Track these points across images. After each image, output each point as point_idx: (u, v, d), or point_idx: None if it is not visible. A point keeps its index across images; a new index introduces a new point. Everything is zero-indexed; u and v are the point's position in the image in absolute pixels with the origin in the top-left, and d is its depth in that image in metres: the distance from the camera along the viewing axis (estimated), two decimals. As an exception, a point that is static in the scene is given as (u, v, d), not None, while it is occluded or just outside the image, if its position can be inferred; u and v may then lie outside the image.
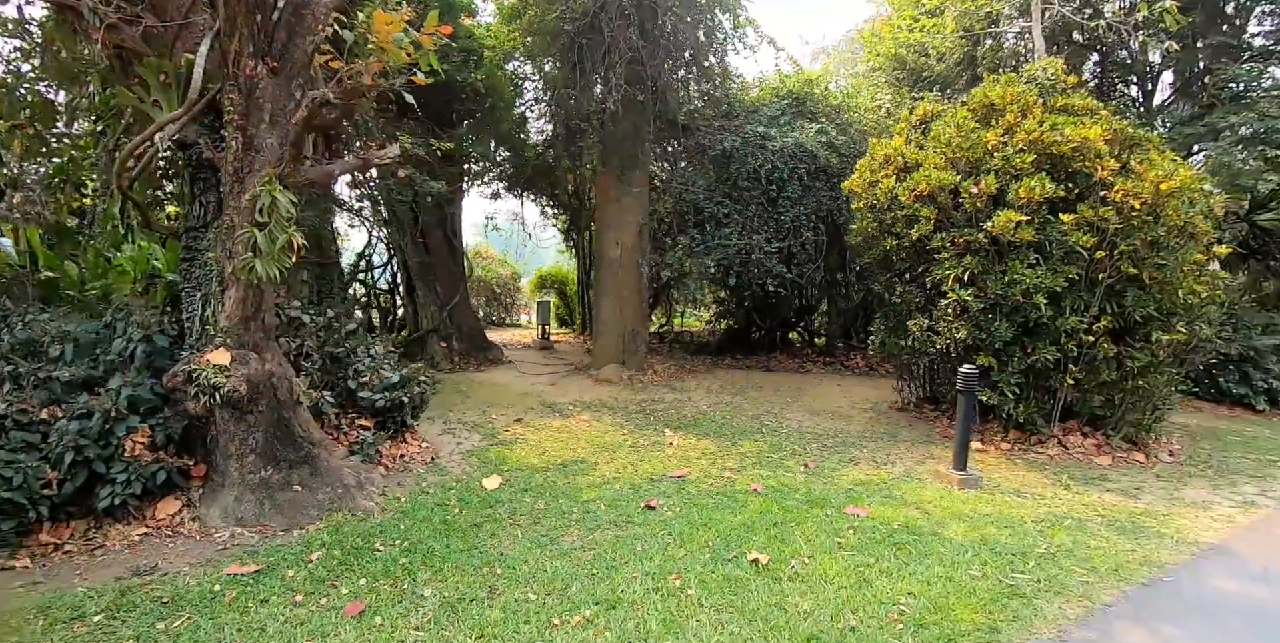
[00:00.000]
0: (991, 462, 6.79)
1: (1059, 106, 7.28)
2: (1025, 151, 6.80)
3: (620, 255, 10.36)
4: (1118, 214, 6.48)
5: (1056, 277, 6.55)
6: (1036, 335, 6.88)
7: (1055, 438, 7.20)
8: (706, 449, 6.88)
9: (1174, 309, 6.90)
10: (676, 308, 14.93)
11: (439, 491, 5.62)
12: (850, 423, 8.14)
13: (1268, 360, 10.60)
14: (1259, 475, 6.83)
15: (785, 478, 5.98)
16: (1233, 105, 9.40)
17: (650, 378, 10.23)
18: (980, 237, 6.74)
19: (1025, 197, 6.51)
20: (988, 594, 3.86)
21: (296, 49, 5.41)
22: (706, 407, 8.74)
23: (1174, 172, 6.58)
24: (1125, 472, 6.68)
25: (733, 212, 9.83)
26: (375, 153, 5.47)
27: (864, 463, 6.60)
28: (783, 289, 9.88)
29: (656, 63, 9.64)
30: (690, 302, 15.04)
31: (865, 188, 8.05)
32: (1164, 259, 6.60)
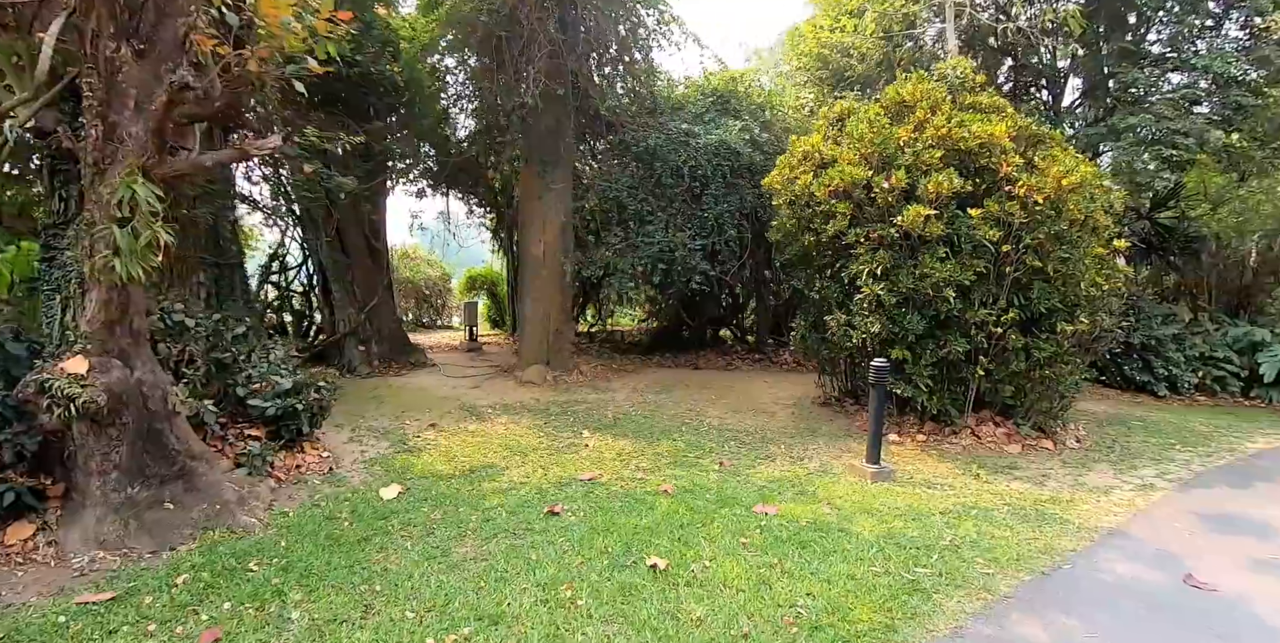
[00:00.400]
0: (907, 454, 6.78)
1: (967, 104, 7.35)
2: (934, 147, 6.82)
3: (543, 254, 10.07)
4: (1022, 209, 6.55)
5: (965, 270, 6.58)
6: (948, 328, 6.90)
7: (969, 428, 7.26)
8: (622, 450, 6.67)
9: (1077, 301, 7.03)
10: (609, 307, 14.69)
11: (331, 503, 5.24)
12: (772, 419, 8.06)
13: (1168, 349, 11.04)
14: (1158, 459, 7.03)
15: (699, 478, 5.82)
16: (1132, 108, 9.73)
17: (576, 379, 9.97)
18: (892, 231, 6.73)
19: (934, 191, 6.52)
20: (888, 591, 3.75)
21: (166, 31, 4.98)
22: (629, 407, 8.54)
23: (1075, 168, 6.70)
24: (1034, 459, 6.76)
25: (656, 209, 9.67)
26: (253, 143, 5.06)
27: (780, 459, 6.50)
28: (707, 287, 9.77)
29: (578, 57, 9.40)
30: (624, 300, 14.84)
31: (785, 184, 7.99)
32: (1067, 252, 6.71)
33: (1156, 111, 9.19)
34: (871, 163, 7.11)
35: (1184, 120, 9.19)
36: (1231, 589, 4.05)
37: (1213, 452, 7.48)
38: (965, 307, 6.72)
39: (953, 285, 6.52)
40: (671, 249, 9.41)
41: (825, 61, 11.88)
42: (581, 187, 10.11)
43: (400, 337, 11.62)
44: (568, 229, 10.10)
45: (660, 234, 9.53)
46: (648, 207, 9.72)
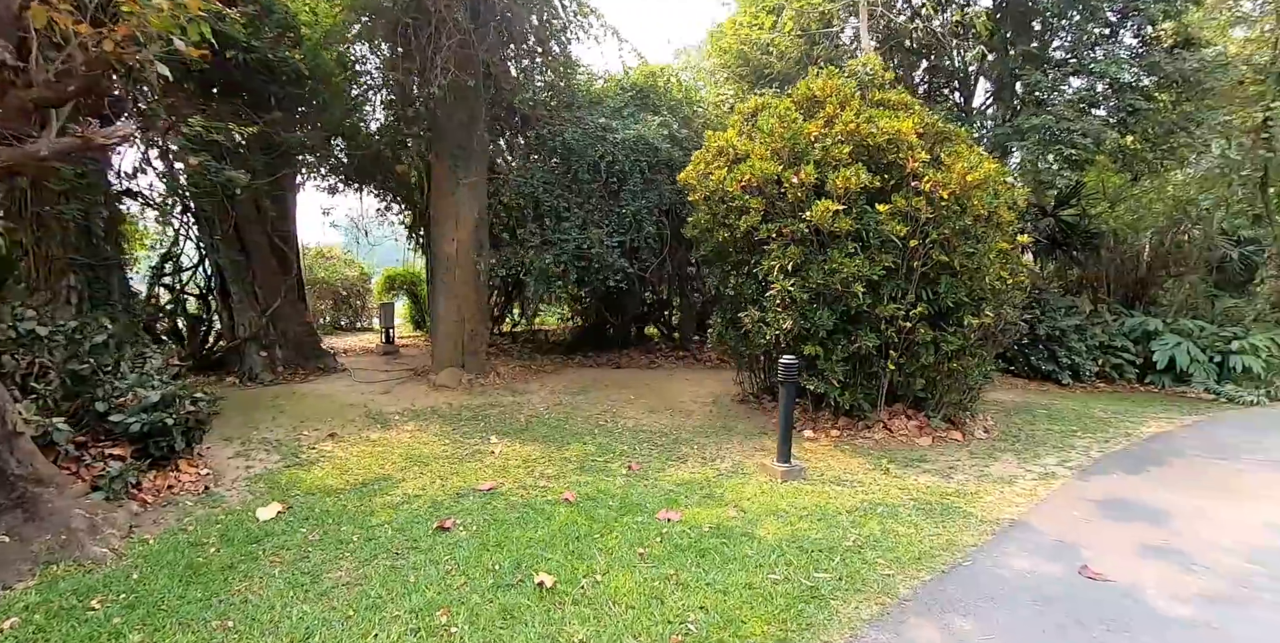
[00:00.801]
0: (821, 450, 6.70)
1: (876, 100, 7.32)
2: (843, 143, 6.75)
3: (456, 252, 9.63)
4: (929, 204, 6.54)
5: (874, 265, 6.53)
6: (859, 323, 6.86)
7: (882, 422, 7.24)
8: (529, 456, 6.36)
9: (983, 294, 7.09)
10: (535, 306, 14.28)
11: (200, 527, 4.75)
12: (689, 419, 7.89)
13: (1070, 339, 11.42)
14: (1060, 446, 7.16)
15: (604, 483, 5.56)
16: (1036, 109, 9.98)
17: (492, 381, 9.58)
18: (802, 226, 6.62)
19: (842, 186, 6.44)
20: (785, 600, 3.57)
21: (-2, 4, 4.41)
22: (544, 409, 8.22)
23: (979, 164, 6.74)
24: (943, 451, 6.78)
25: (573, 205, 9.36)
26: (99, 132, 4.52)
27: (692, 460, 6.31)
28: (625, 284, 9.53)
29: (490, 47, 8.99)
30: (551, 299, 14.46)
31: (699, 180, 7.81)
32: (972, 247, 6.75)
33: (1057, 112, 9.45)
34: (783, 158, 7.00)
35: (1082, 121, 9.47)
36: (1124, 578, 4.05)
37: (1110, 438, 7.69)
38: (875, 302, 6.68)
39: (862, 281, 6.46)
40: (588, 246, 9.12)
41: (745, 59, 11.80)
42: (497, 182, 9.71)
43: (308, 341, 10.95)
44: (482, 226, 9.68)
45: (577, 231, 9.23)
46: (564, 203, 9.41)
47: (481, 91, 9.17)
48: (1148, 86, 11.02)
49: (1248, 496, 5.76)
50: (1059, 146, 9.43)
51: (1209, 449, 7.40)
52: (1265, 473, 6.50)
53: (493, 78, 9.08)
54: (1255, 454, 7.24)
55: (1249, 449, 7.46)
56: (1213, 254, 15.38)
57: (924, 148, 6.81)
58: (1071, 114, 9.44)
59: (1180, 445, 7.51)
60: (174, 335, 10.37)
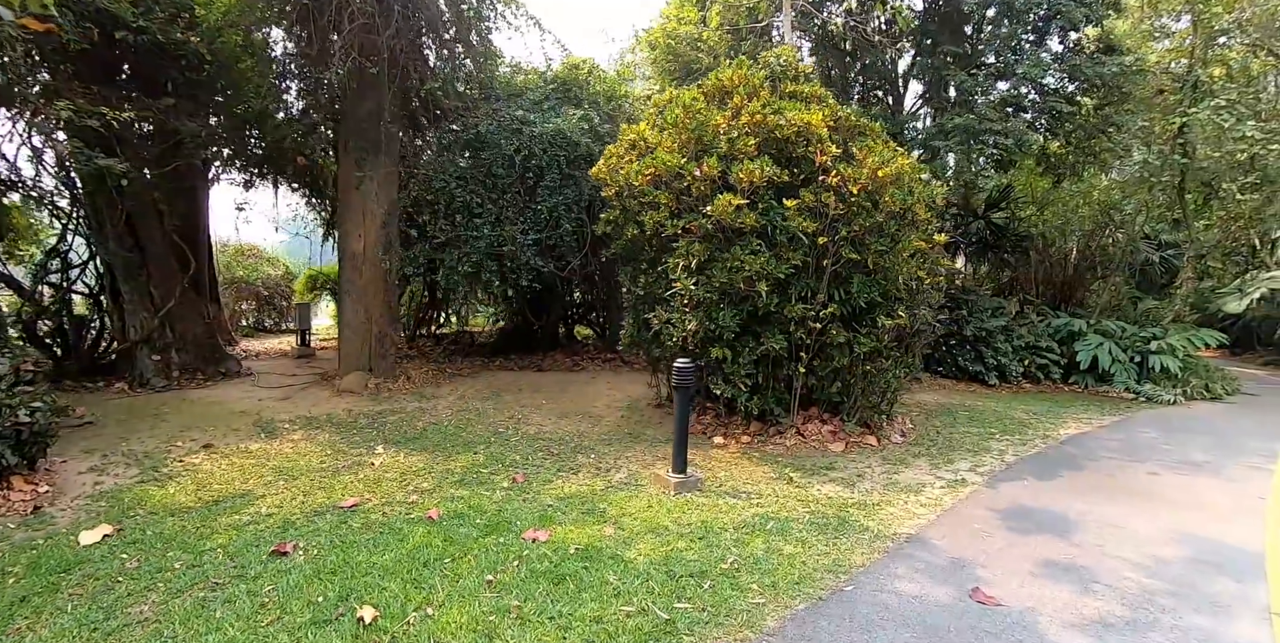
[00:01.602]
0: (727, 458, 6.26)
1: (788, 92, 6.93)
2: (750, 134, 6.33)
3: (364, 249, 8.98)
4: (839, 199, 6.16)
5: (781, 263, 6.12)
6: (768, 324, 6.44)
7: (795, 428, 6.84)
8: (410, 468, 5.78)
9: (898, 294, 6.75)
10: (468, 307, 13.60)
11: (10, 554, 4.07)
12: (598, 425, 7.39)
13: (997, 340, 11.26)
14: (975, 450, 6.85)
15: (480, 499, 5.02)
16: (961, 110, 9.77)
17: (401, 386, 8.95)
18: (705, 222, 6.18)
19: (746, 179, 6.01)
20: (632, 638, 3.07)
21: None
22: (447, 416, 7.63)
23: (891, 159, 6.37)
24: (855, 457, 6.40)
25: (486, 201, 8.79)
26: None
27: (586, 471, 5.80)
28: (539, 284, 8.99)
29: (397, 33, 8.37)
30: (490, 300, 13.80)
31: (610, 174, 7.31)
32: (885, 245, 6.38)
33: (980, 113, 9.22)
34: (689, 151, 6.55)
35: (1005, 123, 9.27)
36: (1018, 602, 3.66)
37: (1028, 440, 7.42)
38: (783, 302, 6.28)
39: (767, 279, 6.04)
40: (500, 244, 8.57)
41: (674, 53, 11.40)
42: (409, 177, 9.09)
43: (210, 343, 10.15)
44: (391, 223, 9.05)
45: (490, 228, 8.66)
46: (478, 199, 8.83)
47: (387, 80, 8.55)
48: (1071, 91, 10.94)
49: (1158, 500, 5.49)
50: (981, 146, 9.21)
51: (1124, 451, 7.18)
52: (1176, 476, 6.28)
53: (399, 66, 8.46)
54: (1168, 455, 7.04)
55: (1163, 450, 7.27)
56: (1135, 257, 15.52)
57: (836, 142, 6.43)
58: (995, 115, 9.24)
59: (1096, 447, 7.28)
60: (59, 337, 9.48)
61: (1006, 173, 11.23)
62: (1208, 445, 7.63)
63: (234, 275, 13.66)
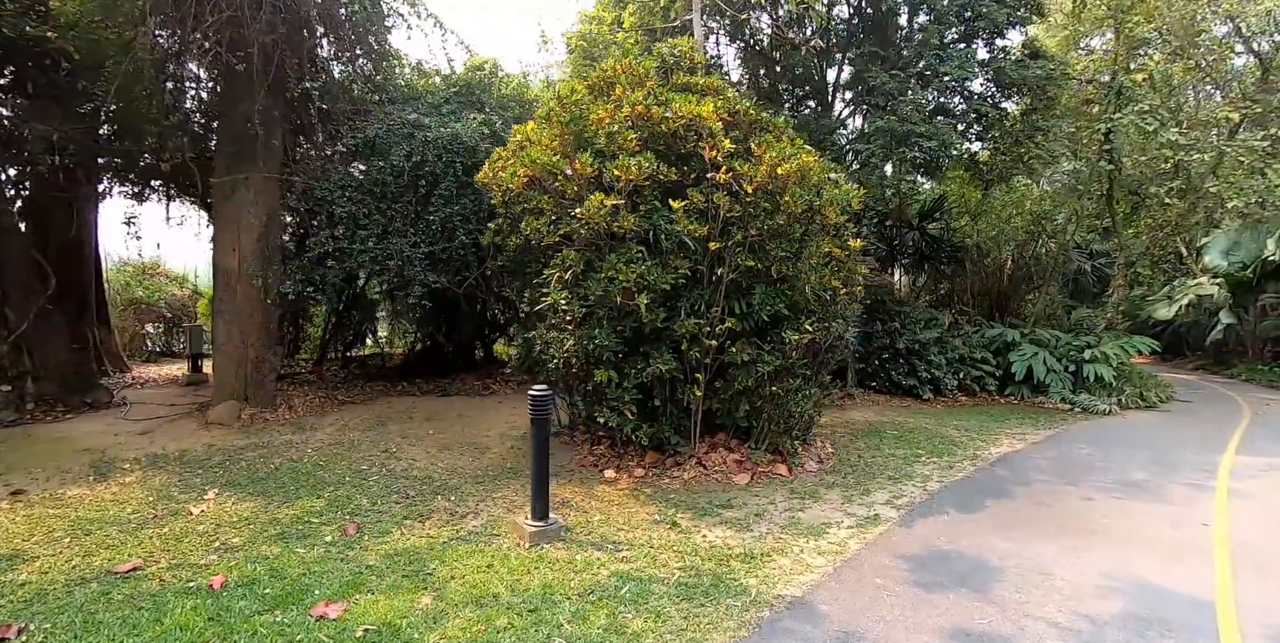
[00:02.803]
0: (613, 497, 5.27)
1: (681, 84, 6.07)
2: (632, 128, 5.45)
3: (239, 265, 7.86)
4: (733, 200, 5.29)
5: (667, 272, 5.20)
6: (658, 342, 5.52)
7: (695, 458, 5.89)
8: (232, 518, 4.68)
9: (808, 306, 5.88)
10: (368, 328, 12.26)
11: None
12: (480, 458, 6.34)
13: (930, 353, 10.51)
14: (897, 477, 5.97)
15: (289, 558, 3.96)
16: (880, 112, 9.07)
17: (280, 416, 7.79)
18: (580, 227, 5.25)
19: (622, 177, 5.11)
20: None
21: None
22: (311, 451, 6.52)
23: (793, 155, 5.52)
24: (759, 491, 5.46)
25: (373, 211, 7.77)
26: None
27: (438, 517, 4.76)
28: (428, 300, 7.94)
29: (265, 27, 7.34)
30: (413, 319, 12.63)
31: (493, 178, 6.36)
32: (787, 250, 5.52)
33: (903, 115, 8.51)
34: (566, 147, 5.64)
35: (928, 125, 8.58)
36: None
37: (956, 462, 6.58)
38: (671, 316, 5.36)
39: (649, 291, 5.12)
40: (385, 258, 7.52)
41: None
42: (287, 185, 8.01)
43: (78, 371, 8.86)
44: (270, 236, 7.95)
45: (375, 241, 7.62)
46: (364, 209, 7.79)
47: (258, 78, 7.49)
48: (998, 98, 10.36)
49: (1092, 533, 4.64)
50: (903, 150, 8.50)
51: (1057, 471, 6.38)
52: (1112, 500, 5.46)
53: (274, 64, 7.43)
54: (1104, 475, 6.25)
55: (1099, 469, 6.49)
56: (1068, 267, 15.06)
57: (733, 137, 5.56)
58: (918, 117, 8.53)
59: (1028, 468, 6.47)
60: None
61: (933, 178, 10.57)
62: (1145, 461, 6.88)
63: (134, 296, 12.32)
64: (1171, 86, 11.63)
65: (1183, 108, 13.04)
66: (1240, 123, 11.65)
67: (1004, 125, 10.53)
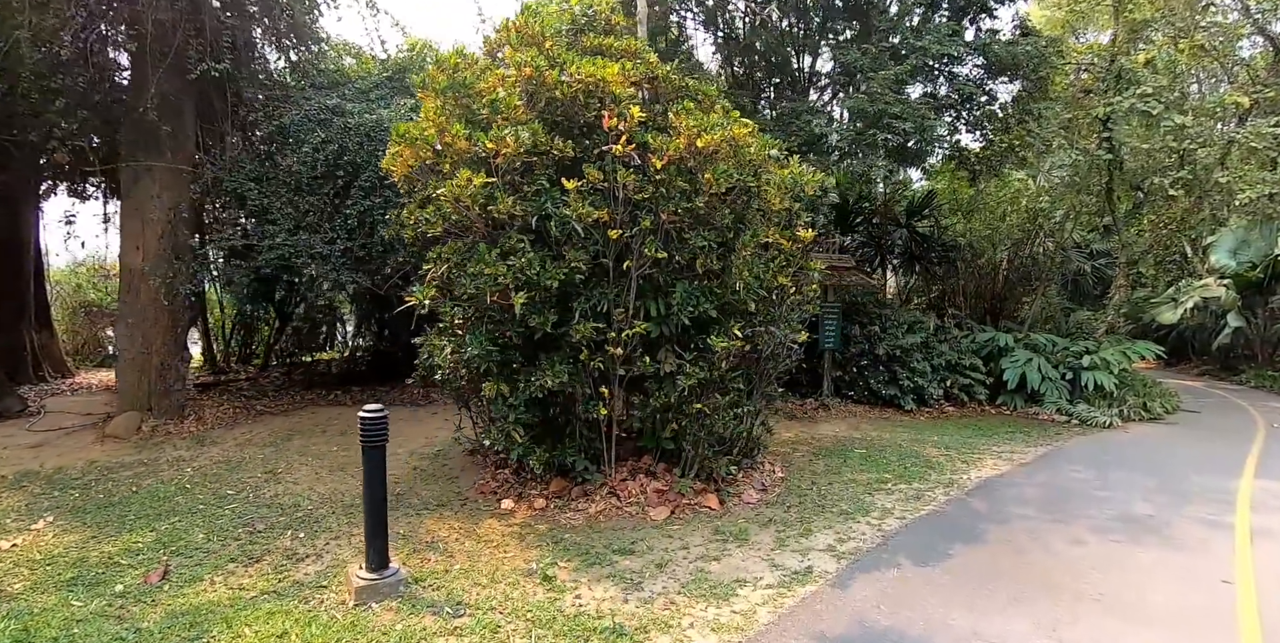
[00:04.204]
0: (496, 535, 4.18)
1: (593, 46, 4.97)
2: (525, 94, 4.36)
3: (143, 263, 6.91)
4: (640, 178, 4.19)
5: (557, 266, 4.11)
6: (556, 350, 4.42)
7: (608, 486, 4.77)
8: (39, 554, 3.79)
9: (744, 308, 4.76)
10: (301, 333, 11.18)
11: None
12: (366, 482, 5.30)
13: (914, 359, 9.27)
14: (850, 511, 4.79)
15: (60, 612, 3.10)
16: (852, 91, 7.89)
17: (186, 428, 6.80)
18: (449, 211, 4.17)
19: (497, 150, 4.02)
20: None
21: None
22: (193, 471, 5.50)
23: (718, 125, 4.39)
24: (677, 529, 4.34)
25: (286, 204, 6.78)
26: None
27: (271, 559, 3.73)
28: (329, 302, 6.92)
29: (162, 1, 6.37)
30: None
31: (393, 161, 5.31)
32: (709, 239, 4.40)
33: (873, 92, 7.32)
34: (451, 121, 4.56)
35: (903, 105, 7.37)
36: None
37: (927, 490, 5.39)
38: (565, 319, 4.26)
39: (530, 288, 4.03)
40: (292, 254, 6.51)
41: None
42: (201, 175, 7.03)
43: (-11, 378, 7.96)
44: (177, 232, 6.98)
45: (286, 235, 6.61)
46: (278, 201, 6.79)
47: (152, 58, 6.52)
48: (985, 81, 9.14)
49: (1079, 598, 3.46)
50: (874, 132, 7.32)
51: (1046, 503, 5.17)
52: (1108, 545, 4.27)
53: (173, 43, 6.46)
54: (1100, 508, 5.04)
55: (1095, 500, 5.27)
56: (1067, 267, 13.72)
57: (640, 103, 4.46)
58: (892, 97, 7.33)
59: (1011, 499, 5.26)
60: None
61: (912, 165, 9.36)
62: (1149, 489, 5.64)
63: (86, 298, 11.47)
64: (1175, 73, 10.33)
65: (1188, 97, 11.71)
66: (1250, 109, 10.32)
67: (993, 112, 9.31)
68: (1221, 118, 12.24)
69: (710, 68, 11.39)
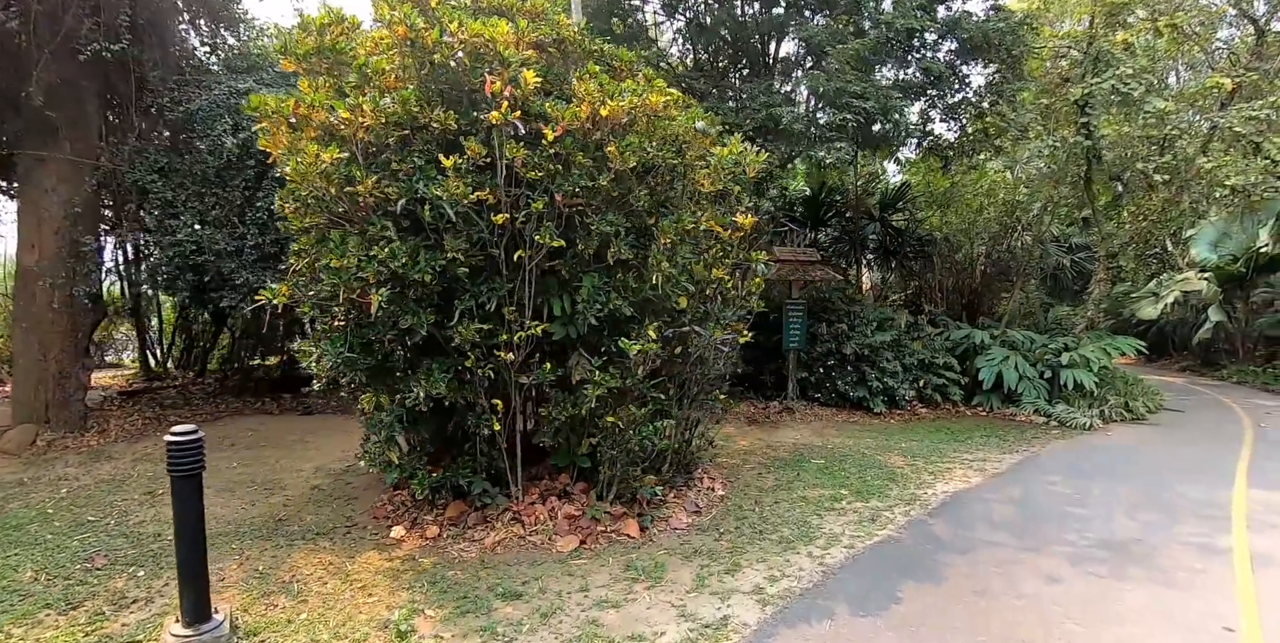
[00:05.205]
0: (367, 572, 3.41)
1: (492, 6, 4.20)
2: (399, 57, 3.60)
3: (37, 262, 6.14)
4: (530, 153, 3.43)
5: (431, 258, 3.34)
6: (442, 355, 3.66)
7: (511, 511, 4.02)
8: None
9: (669, 306, 4.01)
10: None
11: None
12: (260, 504, 4.48)
13: (883, 358, 8.51)
14: (792, 539, 4.03)
15: None
16: (811, 70, 7.11)
17: (86, 442, 6.03)
18: (305, 194, 3.42)
19: (352, 120, 3.26)
20: None
21: None
22: (69, 491, 4.67)
23: (628, 91, 3.62)
24: (582, 564, 3.58)
25: (191, 197, 6.02)
26: None
27: (93, 604, 3.01)
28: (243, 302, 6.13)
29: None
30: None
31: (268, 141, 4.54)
32: (612, 224, 3.64)
33: (830, 70, 6.55)
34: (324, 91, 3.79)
35: (865, 83, 6.59)
36: None
37: (884, 510, 4.64)
38: (444, 319, 3.50)
39: (393, 283, 3.27)
40: (194, 251, 5.74)
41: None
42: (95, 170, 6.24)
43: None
44: (77, 229, 6.20)
45: (188, 231, 5.84)
46: (184, 193, 6.02)
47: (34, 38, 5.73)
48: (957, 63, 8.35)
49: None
50: (832, 110, 6.55)
51: (1018, 524, 4.42)
52: (1085, 579, 3.52)
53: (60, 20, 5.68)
54: (1079, 528, 4.30)
55: (1073, 519, 4.53)
56: (1046, 261, 12.99)
57: (535, 68, 3.68)
58: (853, 76, 6.54)
59: (978, 519, 4.51)
60: None
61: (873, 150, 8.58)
62: (1133, 503, 4.91)
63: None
64: (1155, 57, 9.59)
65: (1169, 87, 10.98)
66: (1233, 93, 9.58)
67: (966, 98, 8.55)
68: (1204, 107, 11.51)
69: (673, 54, 10.59)
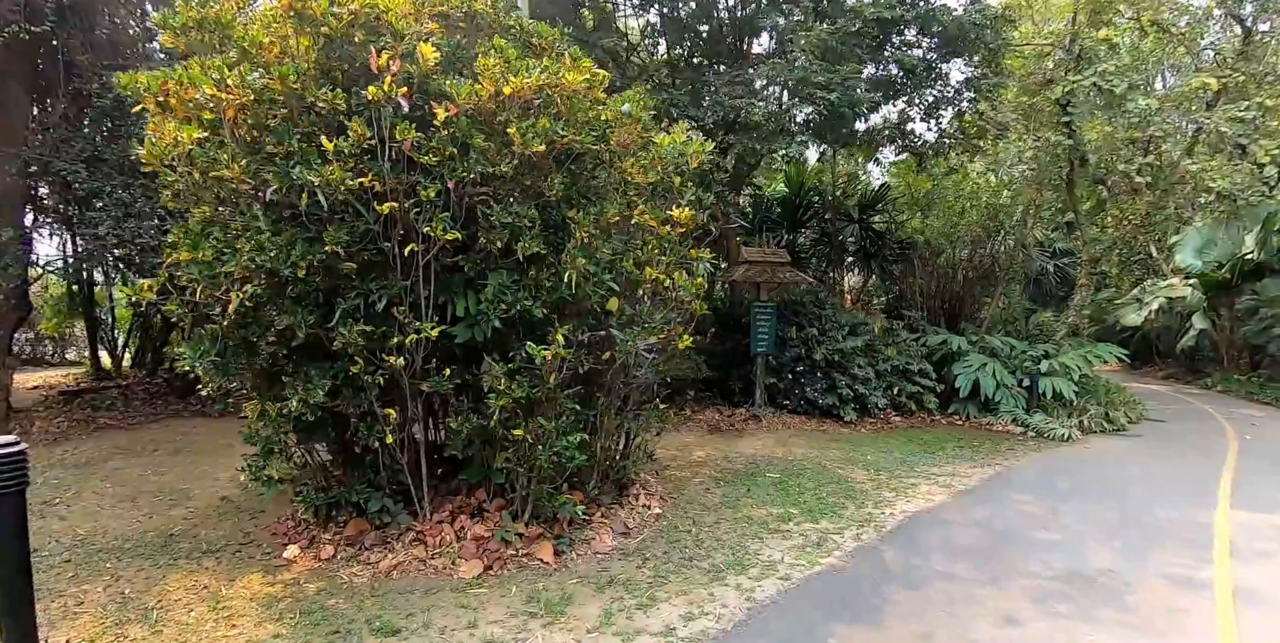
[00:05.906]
0: (242, 601, 2.96)
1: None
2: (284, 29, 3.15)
3: (-45, 257, 5.68)
4: (422, 134, 2.98)
5: (303, 251, 2.89)
6: (332, 360, 3.21)
7: (415, 531, 3.56)
8: None
9: (590, 307, 3.55)
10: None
11: None
12: (161, 516, 4.02)
13: (854, 364, 8.04)
14: (721, 568, 3.56)
15: None
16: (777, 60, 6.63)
17: (0, 444, 5.59)
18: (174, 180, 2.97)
19: (219, 99, 2.82)
20: None
21: None
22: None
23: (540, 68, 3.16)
24: (481, 594, 3.12)
25: (118, 186, 5.58)
26: None
27: None
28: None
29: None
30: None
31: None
32: (510, 215, 3.18)
33: (791, 57, 6.08)
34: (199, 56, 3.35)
35: (829, 72, 6.09)
36: None
37: (834, 533, 4.16)
38: (323, 320, 3.05)
39: (266, 280, 2.82)
40: (115, 244, 5.31)
41: None
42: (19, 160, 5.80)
43: None
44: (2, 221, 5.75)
45: (110, 223, 5.40)
46: (111, 183, 5.58)
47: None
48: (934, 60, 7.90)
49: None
50: (797, 103, 6.09)
51: (979, 551, 3.96)
52: (1046, 620, 3.06)
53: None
54: (1047, 557, 3.85)
55: (1041, 545, 4.06)
56: (1029, 266, 12.53)
57: (444, 45, 3.24)
58: (818, 66, 6.05)
59: (937, 546, 4.04)
60: None
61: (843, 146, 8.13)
62: (1108, 526, 4.45)
63: None
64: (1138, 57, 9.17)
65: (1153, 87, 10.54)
66: (1219, 93, 9.14)
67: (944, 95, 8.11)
68: (1189, 111, 11.08)
69: (645, 47, 10.15)
